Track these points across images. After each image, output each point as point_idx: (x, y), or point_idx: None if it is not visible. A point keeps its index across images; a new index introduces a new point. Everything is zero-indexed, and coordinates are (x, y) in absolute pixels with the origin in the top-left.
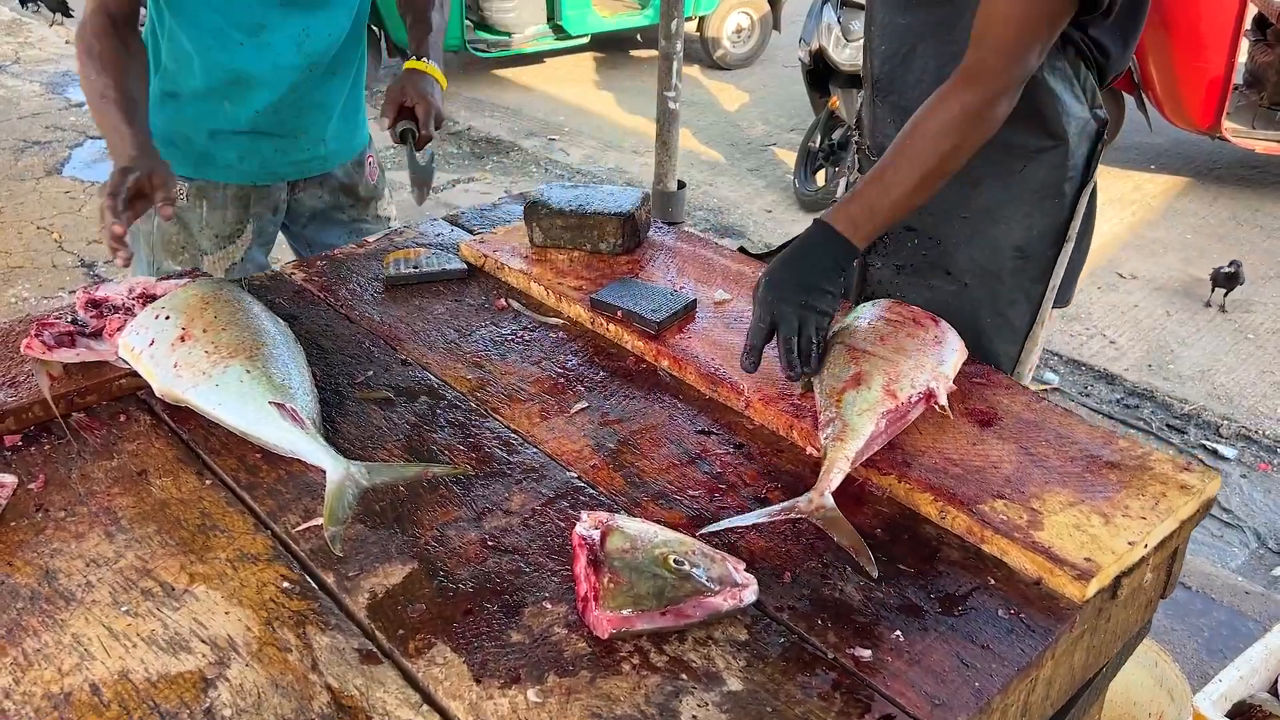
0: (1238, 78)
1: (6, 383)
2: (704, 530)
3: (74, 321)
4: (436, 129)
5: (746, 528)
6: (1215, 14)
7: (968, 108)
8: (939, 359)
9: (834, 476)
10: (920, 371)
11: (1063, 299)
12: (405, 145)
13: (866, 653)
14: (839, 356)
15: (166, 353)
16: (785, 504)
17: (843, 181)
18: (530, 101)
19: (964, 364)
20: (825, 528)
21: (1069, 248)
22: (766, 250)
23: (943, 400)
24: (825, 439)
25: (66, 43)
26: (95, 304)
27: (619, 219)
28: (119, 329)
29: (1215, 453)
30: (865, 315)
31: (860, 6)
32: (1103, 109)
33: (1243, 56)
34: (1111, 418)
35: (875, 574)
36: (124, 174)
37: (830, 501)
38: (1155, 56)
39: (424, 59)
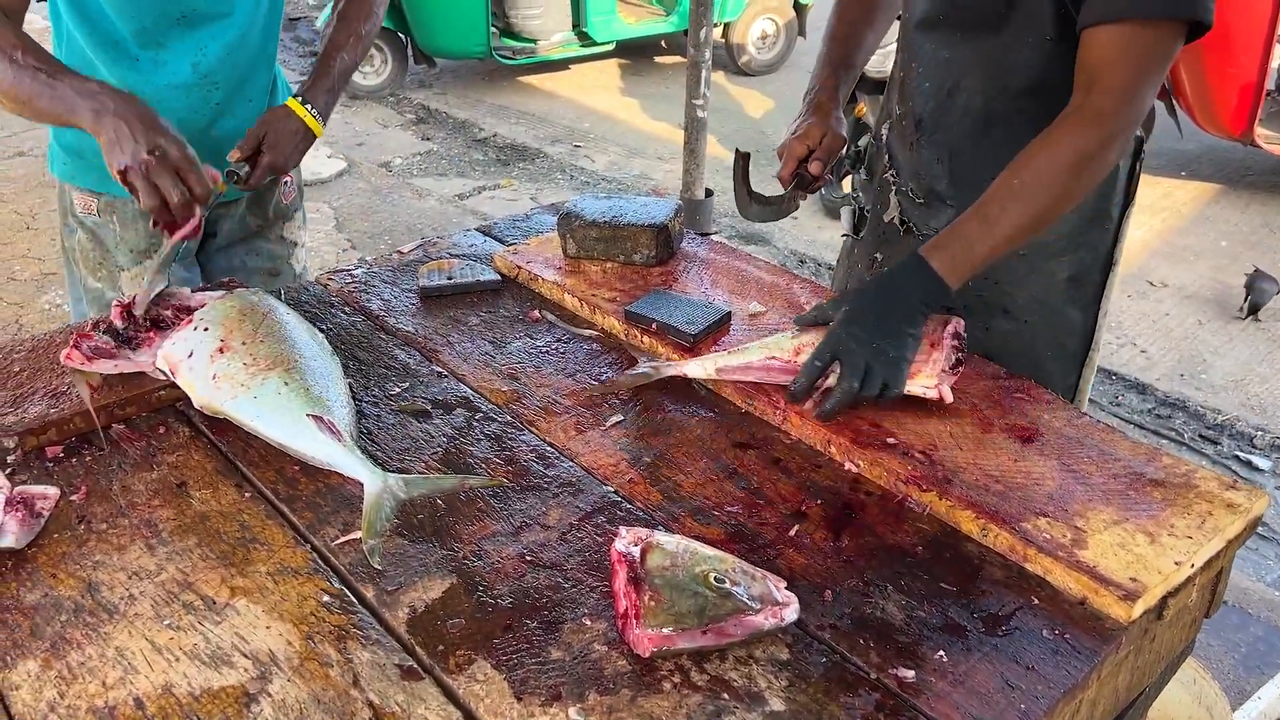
0: (1270, 83)
1: (48, 394)
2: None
3: (110, 331)
4: (273, 176)
5: (785, 544)
6: (1248, 19)
7: (1083, 151)
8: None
9: (690, 365)
10: None
11: None
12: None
13: (910, 673)
14: None
15: (205, 365)
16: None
17: (846, 212)
18: (555, 108)
19: (1004, 379)
20: (630, 371)
21: (1116, 270)
22: None
23: (829, 383)
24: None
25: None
26: (130, 314)
27: (653, 230)
28: (156, 340)
29: (1250, 464)
30: None
31: None
32: (1141, 128)
33: (1275, 62)
34: (1143, 428)
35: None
36: (153, 153)
37: (664, 371)
38: (1186, 62)
39: (299, 98)
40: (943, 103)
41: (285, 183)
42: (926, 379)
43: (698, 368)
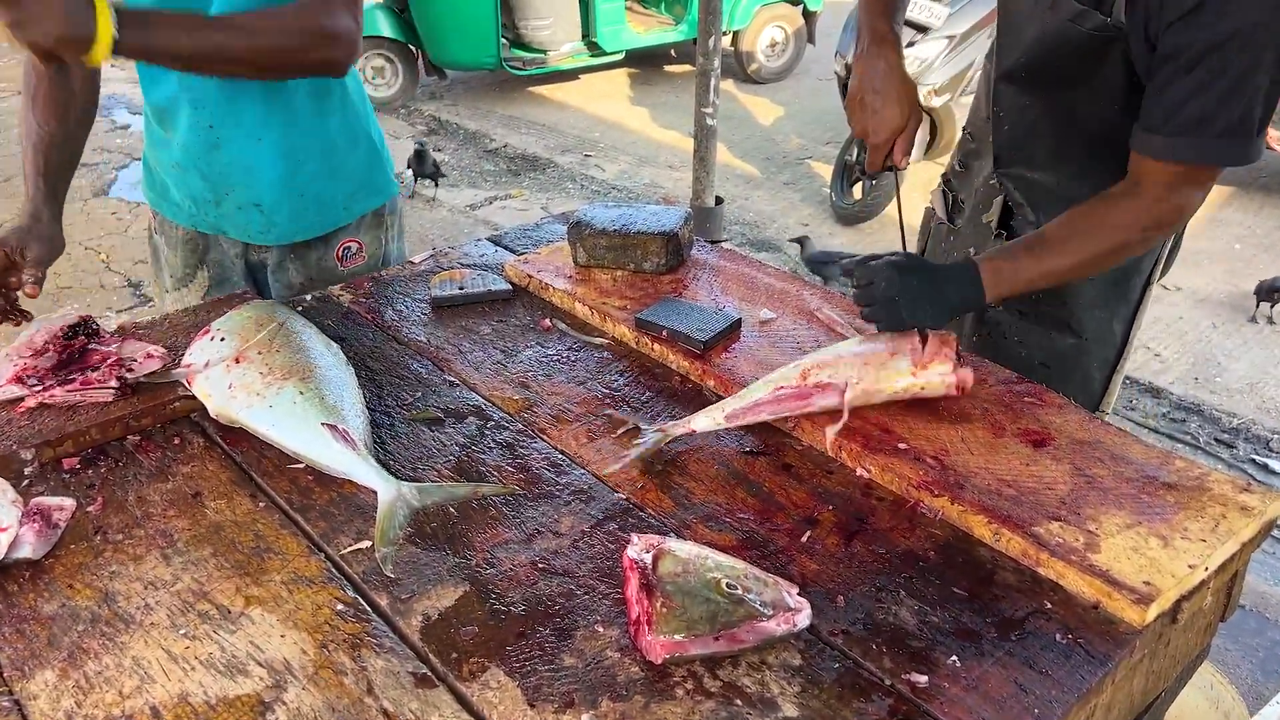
0: None
1: (64, 407)
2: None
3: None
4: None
5: (796, 550)
6: None
7: (1135, 237)
8: (893, 367)
9: (698, 419)
10: (850, 370)
11: None
12: None
13: (923, 678)
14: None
15: (221, 374)
16: (641, 421)
17: (938, 196)
18: (565, 118)
19: (1016, 384)
20: (638, 443)
21: (1152, 288)
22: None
23: (847, 396)
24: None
25: (111, 65)
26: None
27: (662, 238)
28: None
29: (1266, 467)
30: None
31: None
32: None
33: None
34: (1157, 432)
35: (611, 468)
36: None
37: (673, 433)
38: None
39: (112, 8)
40: (1019, 144)
41: (348, 249)
42: (941, 364)
43: (706, 420)
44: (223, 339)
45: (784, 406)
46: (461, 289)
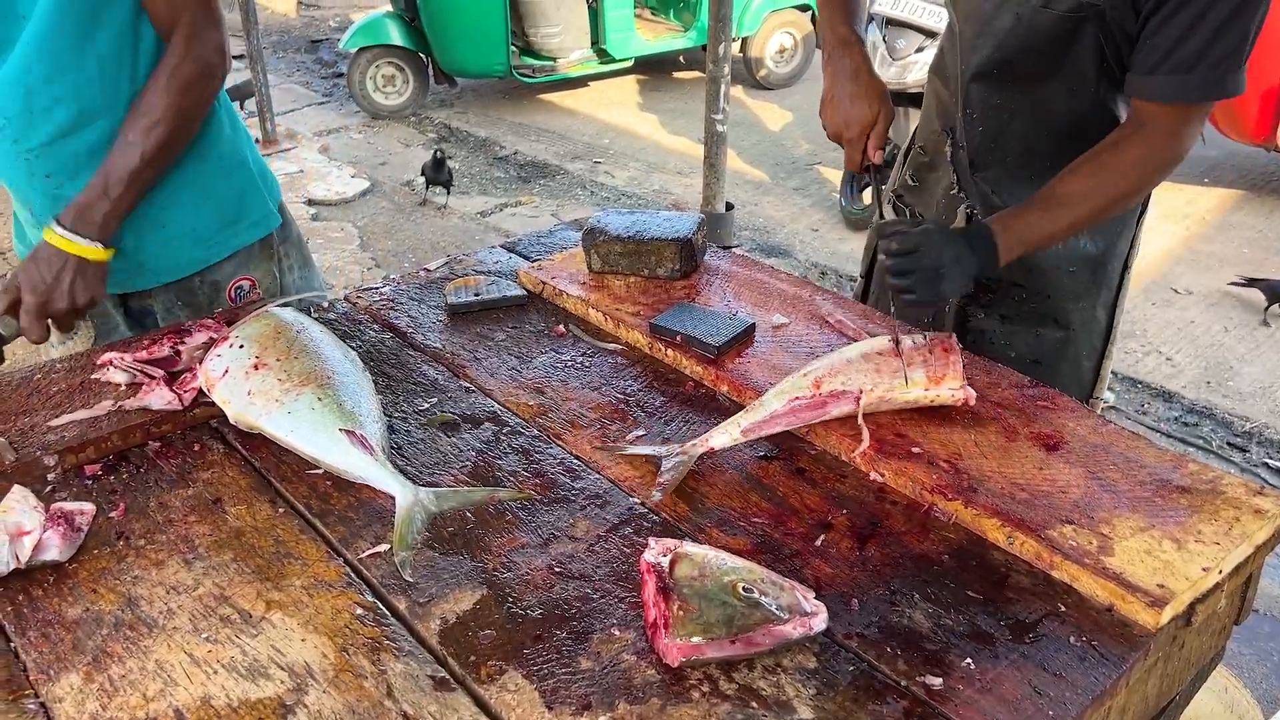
0: None
1: (86, 413)
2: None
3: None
4: (62, 329)
5: (811, 554)
6: (1270, 23)
7: (1146, 172)
8: (903, 376)
9: (715, 437)
10: (863, 376)
11: None
12: None
13: (937, 681)
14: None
15: (241, 381)
16: (656, 448)
17: (890, 212)
18: (575, 125)
19: (1029, 388)
20: (667, 469)
21: (1131, 271)
22: None
23: (862, 403)
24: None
25: None
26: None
27: (676, 244)
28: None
29: (1279, 471)
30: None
31: (906, 25)
32: None
33: None
34: (1170, 436)
35: (656, 498)
36: None
37: (694, 453)
38: None
39: (60, 227)
40: (992, 143)
41: (240, 289)
42: (953, 381)
43: (723, 436)
44: (242, 346)
45: (800, 417)
46: (476, 295)
